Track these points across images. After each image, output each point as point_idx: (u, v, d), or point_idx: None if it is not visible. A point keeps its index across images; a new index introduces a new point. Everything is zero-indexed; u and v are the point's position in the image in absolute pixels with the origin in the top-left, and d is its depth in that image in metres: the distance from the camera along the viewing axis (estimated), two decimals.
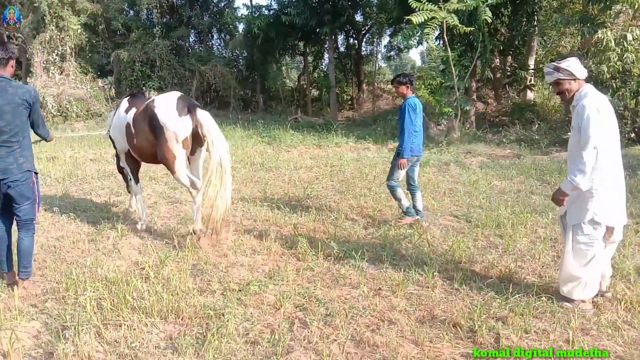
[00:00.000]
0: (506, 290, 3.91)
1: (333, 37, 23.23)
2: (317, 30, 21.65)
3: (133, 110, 5.34)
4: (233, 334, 3.20)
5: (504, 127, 14.46)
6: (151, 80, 23.11)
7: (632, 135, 11.52)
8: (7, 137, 3.66)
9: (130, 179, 5.92)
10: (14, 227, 3.99)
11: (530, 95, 17.66)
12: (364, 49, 27.03)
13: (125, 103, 5.68)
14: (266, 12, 22.44)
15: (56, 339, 3.15)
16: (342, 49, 26.80)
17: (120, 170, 6.54)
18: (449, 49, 13.05)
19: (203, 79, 23.32)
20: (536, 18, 15.59)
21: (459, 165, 9.99)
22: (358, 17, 23.93)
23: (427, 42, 13.55)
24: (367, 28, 25.34)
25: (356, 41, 26.28)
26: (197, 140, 5.11)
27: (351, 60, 26.69)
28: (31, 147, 3.91)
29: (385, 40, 27.02)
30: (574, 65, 3.54)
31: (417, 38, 14.40)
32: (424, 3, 12.44)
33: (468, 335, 3.27)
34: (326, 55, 25.31)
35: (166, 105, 4.96)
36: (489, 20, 12.64)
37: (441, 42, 14.68)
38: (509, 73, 17.66)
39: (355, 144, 13.40)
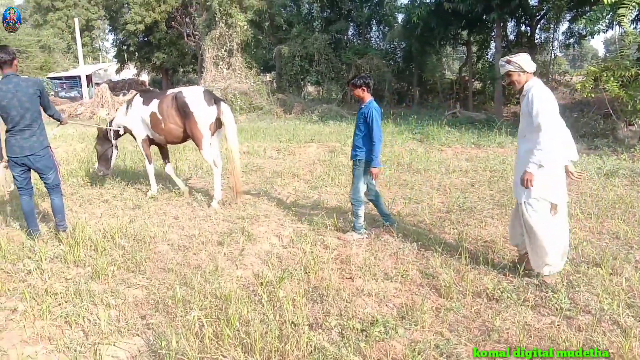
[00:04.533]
0: None
1: (502, 24, 20.98)
2: (484, 17, 19.69)
3: (155, 102, 6.62)
4: None
5: None
6: (309, 74, 23.58)
7: None
8: (28, 122, 4.65)
9: (145, 160, 7.13)
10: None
11: None
12: (537, 36, 24.02)
13: (139, 98, 6.88)
14: (427, 0, 21.19)
15: None
16: (511, 37, 24.20)
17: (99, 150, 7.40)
18: None
19: (358, 72, 23.04)
20: None
21: None
22: (532, 1, 21.25)
23: (621, 26, 11.13)
24: (542, 13, 22.40)
25: (529, 28, 23.46)
26: (217, 124, 6.49)
27: (522, 49, 23.98)
28: (45, 128, 4.88)
29: (564, 26, 23.75)
30: (522, 60, 3.89)
31: (607, 21, 11.97)
32: None
33: None
34: (493, 44, 22.98)
35: (195, 96, 6.34)
36: None
37: (639, 24, 12.03)
38: None
39: None
